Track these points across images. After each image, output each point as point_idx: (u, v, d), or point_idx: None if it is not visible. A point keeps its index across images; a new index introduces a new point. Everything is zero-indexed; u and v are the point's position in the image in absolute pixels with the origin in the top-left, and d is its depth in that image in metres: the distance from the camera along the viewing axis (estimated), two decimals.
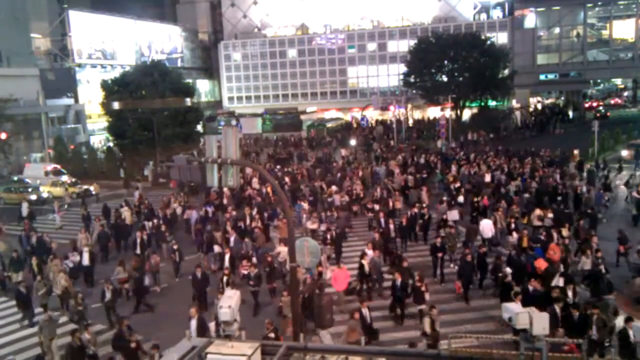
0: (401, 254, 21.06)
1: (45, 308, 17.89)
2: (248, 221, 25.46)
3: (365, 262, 18.48)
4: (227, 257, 20.40)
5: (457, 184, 30.63)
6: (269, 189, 31.34)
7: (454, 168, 36.16)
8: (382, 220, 23.60)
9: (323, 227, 24.90)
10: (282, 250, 20.38)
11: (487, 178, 32.18)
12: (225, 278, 17.88)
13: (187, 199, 32.27)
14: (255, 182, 34.49)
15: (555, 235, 19.98)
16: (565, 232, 20.30)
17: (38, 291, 18.54)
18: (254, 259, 20.93)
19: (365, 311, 15.13)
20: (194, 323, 14.18)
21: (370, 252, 19.10)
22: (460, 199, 28.20)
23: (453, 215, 25.70)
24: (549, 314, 7.68)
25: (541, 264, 18.50)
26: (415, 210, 25.00)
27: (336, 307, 17.18)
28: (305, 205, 27.68)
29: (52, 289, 19.08)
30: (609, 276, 17.06)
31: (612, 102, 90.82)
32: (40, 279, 19.34)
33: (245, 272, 18.49)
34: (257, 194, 31.28)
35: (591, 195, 27.25)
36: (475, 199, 26.66)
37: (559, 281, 16.75)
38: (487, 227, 22.68)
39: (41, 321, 15.63)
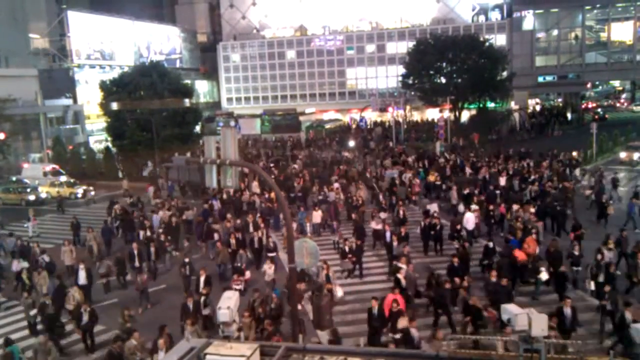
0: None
1: (34, 328, 16.85)
2: (251, 229, 24.13)
3: (401, 276, 17.10)
4: (202, 278, 17.79)
5: (467, 190, 28.89)
6: (272, 194, 29.33)
7: (468, 171, 34.91)
8: (388, 233, 21.92)
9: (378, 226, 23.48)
10: (268, 268, 19.05)
11: (503, 182, 30.51)
12: (203, 298, 16.25)
13: (180, 202, 30.78)
14: (255, 186, 33.14)
15: (604, 251, 18.14)
16: (610, 244, 18.68)
17: (28, 308, 17.24)
18: (248, 273, 19.70)
19: (414, 332, 13.48)
20: (162, 355, 12.68)
21: (404, 266, 17.76)
22: (474, 207, 25.50)
23: (433, 207, 26.51)
24: None
25: (519, 255, 19.10)
26: (428, 220, 23.27)
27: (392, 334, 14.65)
28: (318, 214, 26.03)
29: (39, 304, 17.52)
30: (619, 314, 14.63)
31: (605, 103, 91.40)
32: (27, 295, 17.80)
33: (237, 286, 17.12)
34: (263, 199, 29.75)
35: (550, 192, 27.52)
36: (491, 207, 24.98)
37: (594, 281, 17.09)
38: (470, 219, 23.46)
39: (36, 345, 14.27)
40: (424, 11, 78.58)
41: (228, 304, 9.55)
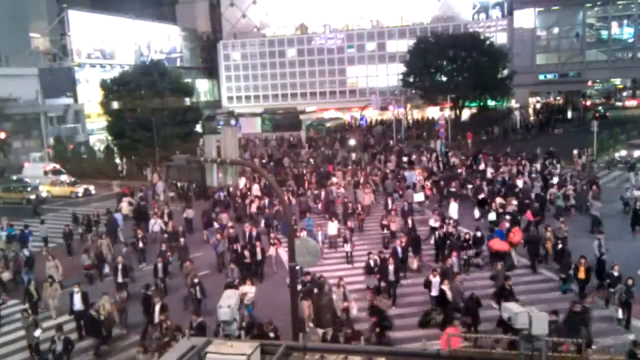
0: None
1: (36, 351, 15.17)
2: (248, 237, 22.31)
3: (446, 287, 15.98)
4: (157, 306, 15.79)
5: (482, 195, 27.43)
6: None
7: (489, 170, 33.65)
8: (399, 248, 20.04)
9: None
10: (248, 290, 16.99)
11: (520, 184, 29.30)
12: (163, 325, 14.74)
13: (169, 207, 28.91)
14: (256, 189, 31.77)
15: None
16: None
17: (29, 329, 15.39)
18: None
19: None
20: None
21: (434, 279, 16.84)
22: (492, 215, 24.03)
23: (419, 197, 27.22)
24: None
25: (495, 244, 19.97)
26: (443, 230, 21.90)
27: None
28: (334, 226, 23.82)
29: (37, 325, 15.67)
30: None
31: (598, 101, 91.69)
32: (28, 314, 15.76)
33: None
34: (272, 204, 27.82)
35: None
36: (502, 206, 24.56)
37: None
38: (453, 209, 25.04)
39: None
40: (425, 9, 78.45)
41: (228, 302, 9.54)
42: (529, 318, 7.21)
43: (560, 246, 19.42)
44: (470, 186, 30.49)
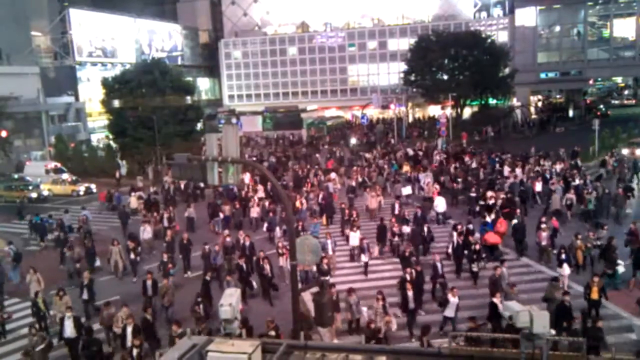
0: None
1: None
2: (242, 247, 20.48)
3: (497, 301, 15.03)
4: (129, 328, 14.26)
5: (492, 200, 25.11)
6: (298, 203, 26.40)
7: (507, 169, 31.99)
8: (439, 264, 17.81)
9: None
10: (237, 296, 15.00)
11: (538, 187, 27.71)
12: (136, 352, 13.42)
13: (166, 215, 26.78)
14: (260, 191, 30.63)
15: None
16: None
17: (37, 346, 13.83)
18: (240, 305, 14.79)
19: None
20: None
21: None
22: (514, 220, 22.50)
23: (406, 190, 27.47)
24: None
25: (490, 237, 20.43)
26: (461, 238, 19.89)
27: None
28: (356, 236, 21.09)
29: (52, 342, 14.53)
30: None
31: (590, 100, 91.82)
32: (35, 330, 14.55)
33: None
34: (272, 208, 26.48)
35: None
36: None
37: None
38: (441, 202, 25.42)
39: None
40: (426, 7, 78.46)
41: (230, 300, 9.52)
42: (530, 317, 7.21)
43: (563, 256, 18.44)
44: (459, 180, 30.43)
